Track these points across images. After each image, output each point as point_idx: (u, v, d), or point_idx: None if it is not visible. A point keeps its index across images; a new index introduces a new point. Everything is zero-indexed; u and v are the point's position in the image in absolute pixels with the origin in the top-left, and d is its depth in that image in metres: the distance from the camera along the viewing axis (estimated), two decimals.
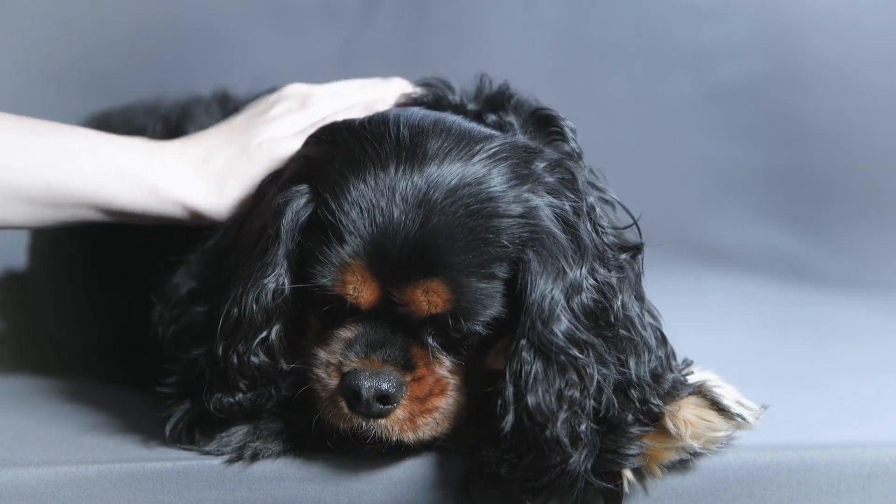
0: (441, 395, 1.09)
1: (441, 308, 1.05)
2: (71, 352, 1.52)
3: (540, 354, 1.04)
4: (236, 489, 1.12)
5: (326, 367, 1.08)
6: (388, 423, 1.07)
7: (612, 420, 1.07)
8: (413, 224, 1.04)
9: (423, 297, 1.04)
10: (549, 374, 1.04)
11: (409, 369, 1.07)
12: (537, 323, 1.04)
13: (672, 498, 1.12)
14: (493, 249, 1.05)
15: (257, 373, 1.10)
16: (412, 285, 1.04)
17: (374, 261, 1.05)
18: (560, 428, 1.03)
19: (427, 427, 1.09)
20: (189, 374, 1.15)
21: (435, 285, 1.04)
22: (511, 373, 1.05)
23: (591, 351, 1.06)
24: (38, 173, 1.18)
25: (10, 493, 1.10)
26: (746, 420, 1.12)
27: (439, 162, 1.06)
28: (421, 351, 1.08)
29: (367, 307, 1.07)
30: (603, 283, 1.08)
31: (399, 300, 1.05)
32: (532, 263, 1.05)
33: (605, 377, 1.06)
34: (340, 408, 1.07)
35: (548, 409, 1.03)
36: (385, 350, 1.07)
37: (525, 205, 1.06)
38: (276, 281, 1.09)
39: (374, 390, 1.05)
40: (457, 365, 1.09)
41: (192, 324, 1.17)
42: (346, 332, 1.08)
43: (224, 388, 1.11)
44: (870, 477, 1.15)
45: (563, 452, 1.04)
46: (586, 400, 1.05)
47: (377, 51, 2.29)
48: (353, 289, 1.06)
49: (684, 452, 1.11)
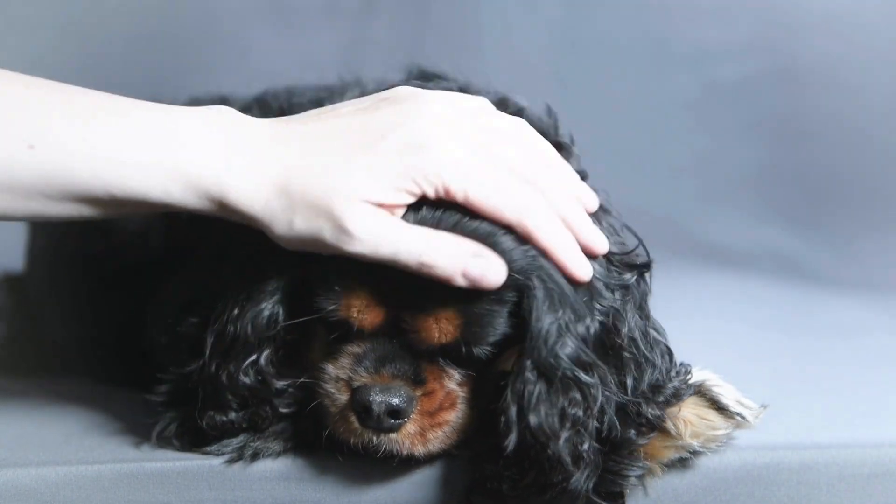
0: (451, 408, 1.08)
1: (451, 336, 1.04)
2: (71, 352, 1.51)
3: (543, 376, 1.04)
4: (236, 489, 1.12)
5: (336, 383, 1.08)
6: (398, 438, 1.06)
7: (614, 440, 1.07)
8: None
9: (435, 326, 1.04)
10: (552, 393, 1.03)
11: (419, 384, 1.07)
12: (542, 348, 1.04)
13: (672, 498, 1.12)
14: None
15: (248, 392, 1.10)
16: (425, 313, 1.04)
17: (379, 284, 1.04)
18: (562, 447, 1.03)
19: (437, 440, 1.08)
20: (180, 385, 1.15)
21: (448, 314, 1.04)
22: (514, 392, 1.04)
23: (596, 372, 1.05)
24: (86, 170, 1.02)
25: (10, 493, 1.10)
26: (746, 419, 1.12)
27: None
28: (430, 365, 1.08)
29: (372, 329, 1.06)
30: (609, 307, 1.08)
31: (410, 327, 1.05)
32: (537, 290, 1.04)
33: (608, 398, 1.06)
34: (351, 423, 1.07)
35: (549, 429, 1.03)
36: (395, 365, 1.06)
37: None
38: (272, 308, 1.09)
39: (384, 405, 1.05)
40: (466, 377, 1.09)
41: (184, 335, 1.16)
42: (355, 347, 1.08)
43: (216, 406, 1.11)
44: (870, 477, 1.15)
45: (564, 471, 1.04)
46: (589, 420, 1.04)
47: (377, 51, 2.29)
48: (357, 312, 1.05)
49: (684, 451, 1.11)
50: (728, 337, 1.65)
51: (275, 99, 1.42)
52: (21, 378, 1.48)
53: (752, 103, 2.41)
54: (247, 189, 1.02)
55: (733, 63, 2.39)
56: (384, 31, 2.32)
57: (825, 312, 1.94)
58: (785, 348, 1.64)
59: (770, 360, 1.54)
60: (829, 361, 1.57)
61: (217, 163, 1.02)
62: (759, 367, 1.44)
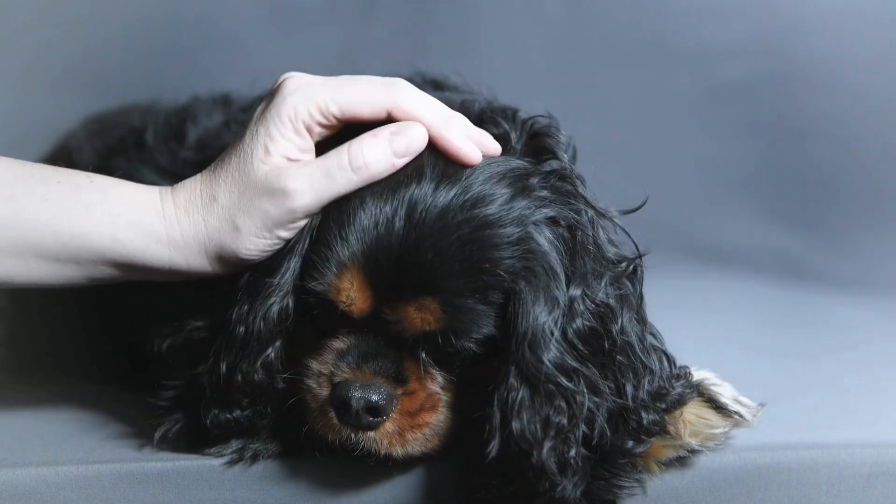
0: (432, 410, 1.08)
1: (433, 326, 1.04)
2: (71, 352, 1.51)
3: (527, 382, 1.03)
4: (236, 489, 1.12)
5: (318, 378, 1.08)
6: (377, 436, 1.06)
7: (605, 448, 1.07)
8: (410, 241, 1.03)
9: (417, 314, 1.04)
10: (536, 401, 1.03)
11: (401, 383, 1.07)
12: (526, 351, 1.03)
13: (672, 498, 1.12)
14: (488, 278, 1.04)
15: (258, 390, 1.10)
16: (405, 301, 1.04)
17: (369, 269, 1.04)
18: (546, 455, 1.02)
19: (416, 442, 1.08)
20: (185, 388, 1.15)
21: (428, 303, 1.04)
22: (498, 399, 1.04)
23: (582, 378, 1.05)
24: (50, 228, 1.08)
25: (10, 493, 1.10)
26: (744, 417, 1.13)
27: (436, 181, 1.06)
28: (413, 365, 1.07)
29: (359, 316, 1.06)
30: (601, 304, 1.07)
31: (391, 316, 1.05)
32: (524, 293, 1.04)
33: (598, 405, 1.05)
34: (330, 418, 1.07)
35: (532, 437, 1.02)
36: (377, 362, 1.06)
37: (521, 230, 1.05)
38: (282, 300, 1.09)
39: (363, 401, 1.04)
40: (449, 382, 1.09)
41: (189, 338, 1.16)
42: (339, 343, 1.08)
43: (222, 404, 1.11)
44: (870, 477, 1.15)
45: (550, 479, 1.03)
46: (575, 428, 1.04)
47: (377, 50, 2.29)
48: (347, 296, 1.05)
49: (682, 450, 1.11)
50: (728, 337, 1.65)
51: None
52: (21, 378, 1.48)
53: (752, 104, 2.40)
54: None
55: (733, 63, 2.39)
56: (384, 31, 2.32)
57: (825, 312, 1.93)
58: (785, 348, 1.64)
59: (770, 360, 1.54)
60: (829, 361, 1.57)
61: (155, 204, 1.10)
62: (759, 367, 1.44)
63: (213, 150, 1.39)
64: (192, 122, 1.48)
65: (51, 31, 2.15)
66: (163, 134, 1.48)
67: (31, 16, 2.13)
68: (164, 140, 1.47)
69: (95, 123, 1.75)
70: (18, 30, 2.11)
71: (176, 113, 1.54)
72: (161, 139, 1.47)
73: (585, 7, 2.40)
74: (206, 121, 1.47)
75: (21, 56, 2.09)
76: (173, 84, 1.88)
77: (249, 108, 1.44)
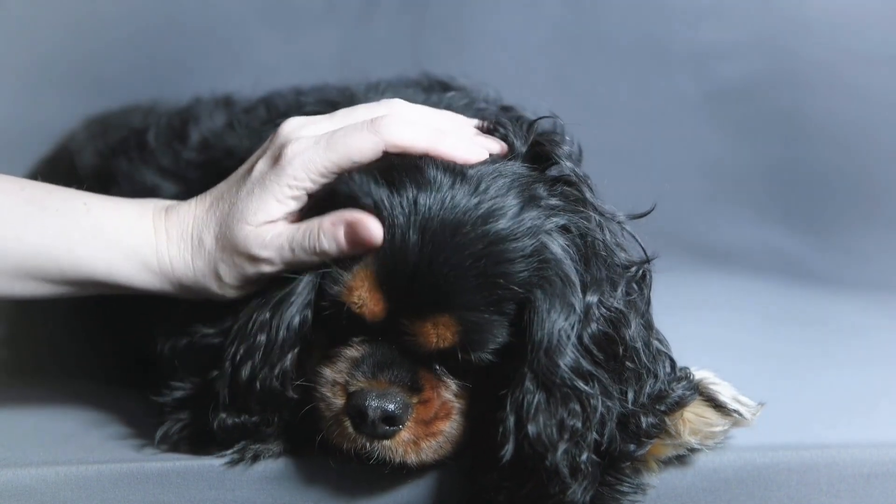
0: (446, 418, 1.08)
1: (449, 342, 1.05)
2: (71, 352, 1.51)
3: (543, 386, 1.04)
4: (236, 489, 1.12)
5: (332, 387, 1.08)
6: (392, 445, 1.07)
7: (613, 453, 1.07)
8: (425, 255, 1.04)
9: (433, 331, 1.04)
10: (552, 404, 1.03)
11: (416, 391, 1.07)
12: (542, 356, 1.04)
13: (672, 497, 1.12)
14: (503, 291, 1.04)
15: (271, 398, 1.10)
16: (422, 318, 1.04)
17: (381, 274, 1.05)
18: (560, 458, 1.03)
19: (430, 450, 1.08)
20: (193, 391, 1.15)
21: (445, 320, 1.04)
22: (513, 402, 1.04)
23: (597, 383, 1.05)
24: (48, 256, 1.14)
25: (10, 493, 1.10)
26: (743, 416, 1.13)
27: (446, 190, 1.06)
28: (428, 374, 1.08)
29: (372, 321, 1.06)
30: (613, 309, 1.07)
31: (409, 330, 1.05)
32: (539, 302, 1.04)
33: (609, 409, 1.06)
34: (345, 428, 1.07)
35: (548, 439, 1.03)
36: (392, 371, 1.07)
37: (535, 241, 1.06)
38: (303, 310, 1.10)
39: (380, 411, 1.05)
40: (462, 388, 1.09)
41: (196, 343, 1.16)
42: (353, 352, 1.08)
43: (234, 409, 1.11)
44: (870, 477, 1.15)
45: (562, 483, 1.04)
46: (588, 431, 1.04)
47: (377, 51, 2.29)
48: (358, 296, 1.05)
49: (682, 448, 1.11)
50: (729, 336, 1.65)
51: (281, 100, 1.42)
52: (21, 378, 1.48)
53: (752, 104, 2.40)
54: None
55: (734, 63, 2.39)
56: (384, 31, 2.32)
57: (825, 312, 1.93)
58: (785, 348, 1.64)
59: (770, 360, 1.54)
60: (830, 361, 1.57)
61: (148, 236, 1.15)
62: (759, 367, 1.44)
63: (216, 150, 1.39)
64: (195, 122, 1.48)
65: (53, 32, 2.15)
66: (165, 135, 1.48)
67: (33, 17, 2.13)
68: (166, 141, 1.47)
69: (97, 124, 1.75)
70: (20, 31, 2.11)
71: (178, 114, 1.54)
72: (163, 140, 1.47)
73: (585, 7, 2.40)
74: (208, 122, 1.47)
75: (23, 57, 2.09)
76: (175, 85, 1.88)
77: (251, 109, 1.44)
